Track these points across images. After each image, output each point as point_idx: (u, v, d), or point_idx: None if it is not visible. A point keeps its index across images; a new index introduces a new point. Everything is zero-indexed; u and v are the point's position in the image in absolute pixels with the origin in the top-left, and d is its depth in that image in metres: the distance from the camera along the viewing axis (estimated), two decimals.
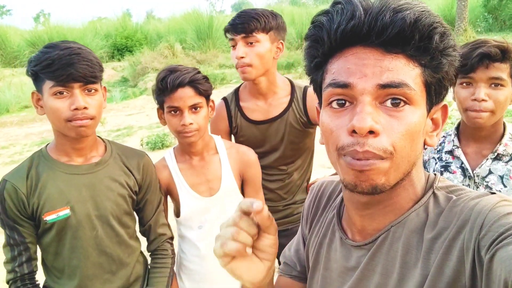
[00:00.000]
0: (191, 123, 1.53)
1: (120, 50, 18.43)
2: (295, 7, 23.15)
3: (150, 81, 14.37)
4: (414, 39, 0.63)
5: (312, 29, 0.71)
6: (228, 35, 1.83)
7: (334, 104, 0.69)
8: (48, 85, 1.34)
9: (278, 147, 1.92)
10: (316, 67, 0.74)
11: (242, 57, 1.78)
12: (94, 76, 1.38)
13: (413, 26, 0.62)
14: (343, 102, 0.68)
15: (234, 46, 1.81)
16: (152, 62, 15.44)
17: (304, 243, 1.01)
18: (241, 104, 1.96)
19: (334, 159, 0.71)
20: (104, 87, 1.49)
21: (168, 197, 1.75)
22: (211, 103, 1.64)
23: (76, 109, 1.34)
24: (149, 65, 15.29)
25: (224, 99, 2.01)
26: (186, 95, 1.52)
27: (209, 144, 1.69)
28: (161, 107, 1.62)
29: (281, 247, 2.12)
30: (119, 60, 18.03)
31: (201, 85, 1.55)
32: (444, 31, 0.65)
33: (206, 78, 1.60)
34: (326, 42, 0.69)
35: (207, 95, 1.60)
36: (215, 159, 1.68)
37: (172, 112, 1.55)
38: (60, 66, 1.31)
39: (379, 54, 0.65)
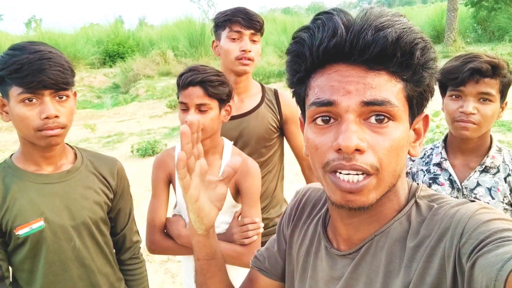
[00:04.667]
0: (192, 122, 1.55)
1: (112, 56, 18.40)
2: (287, 16, 23.35)
3: (142, 87, 14.34)
4: (396, 56, 0.64)
5: (294, 44, 0.72)
6: (235, 28, 1.86)
7: (319, 121, 0.70)
8: (15, 91, 1.24)
9: (250, 142, 1.93)
10: (299, 81, 0.75)
11: (250, 51, 1.86)
12: (66, 83, 1.29)
13: (395, 44, 0.63)
14: (328, 118, 0.69)
15: (235, 39, 1.87)
16: (144, 69, 15.43)
17: (279, 242, 1.01)
18: None
19: (320, 175, 0.72)
20: (75, 92, 1.40)
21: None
22: (227, 107, 1.63)
23: (46, 118, 1.25)
24: (140, 72, 15.28)
25: None
26: (194, 94, 1.54)
27: (216, 147, 1.68)
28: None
29: None
30: (110, 66, 17.99)
31: (212, 87, 1.54)
32: (425, 45, 0.66)
33: (221, 81, 1.58)
34: (308, 59, 0.69)
35: (218, 98, 1.58)
36: (217, 163, 1.68)
37: (182, 108, 1.59)
38: (30, 72, 1.20)
39: (361, 71, 0.66)
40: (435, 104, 1.04)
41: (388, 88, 0.66)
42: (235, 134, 1.92)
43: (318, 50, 0.67)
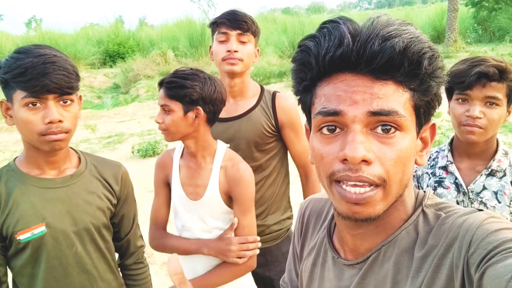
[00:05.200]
0: (157, 122, 1.61)
1: (112, 56, 18.44)
2: (287, 16, 23.39)
3: (142, 88, 14.35)
4: (403, 66, 0.63)
5: (299, 53, 0.71)
6: (221, 30, 1.87)
7: (325, 130, 0.69)
8: (19, 95, 1.22)
9: (241, 146, 1.91)
10: (304, 90, 0.74)
11: (236, 51, 1.84)
12: (71, 87, 1.27)
13: (402, 53, 0.62)
14: (334, 128, 0.68)
15: (222, 41, 1.87)
16: (144, 69, 15.44)
17: (294, 264, 1.02)
18: None
19: (325, 185, 0.71)
20: (80, 96, 1.38)
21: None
22: (196, 111, 1.59)
23: (50, 122, 1.24)
24: (141, 72, 15.29)
25: None
26: (160, 95, 1.61)
27: (206, 150, 1.67)
28: None
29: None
30: (111, 66, 18.03)
31: (168, 89, 1.57)
32: (432, 55, 0.65)
33: (179, 84, 1.56)
34: (314, 68, 0.68)
35: (179, 100, 1.57)
36: (208, 167, 1.67)
37: None
38: (34, 76, 1.19)
39: (368, 81, 0.65)
40: None
41: (395, 98, 0.65)
42: (226, 137, 1.89)
43: (324, 59, 0.66)
